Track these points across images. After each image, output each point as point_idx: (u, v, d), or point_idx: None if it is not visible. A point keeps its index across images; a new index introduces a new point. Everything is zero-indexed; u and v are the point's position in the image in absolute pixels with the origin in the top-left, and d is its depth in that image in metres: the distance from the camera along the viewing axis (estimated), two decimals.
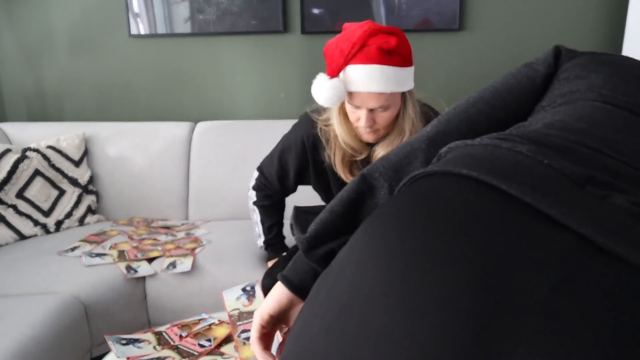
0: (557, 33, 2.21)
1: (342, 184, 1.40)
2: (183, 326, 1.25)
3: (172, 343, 1.18)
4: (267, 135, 2.23)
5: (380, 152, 1.29)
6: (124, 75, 2.47)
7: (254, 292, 1.24)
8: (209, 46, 2.37)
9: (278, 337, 0.82)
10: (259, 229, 1.62)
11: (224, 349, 1.16)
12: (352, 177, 1.33)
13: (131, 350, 1.21)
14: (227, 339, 1.17)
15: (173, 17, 2.36)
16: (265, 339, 0.73)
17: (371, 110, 1.22)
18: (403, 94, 1.25)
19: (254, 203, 1.60)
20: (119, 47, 2.44)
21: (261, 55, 2.37)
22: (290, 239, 1.65)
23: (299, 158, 1.41)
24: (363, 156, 1.32)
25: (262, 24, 2.31)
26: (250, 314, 1.19)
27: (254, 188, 1.59)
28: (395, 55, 1.17)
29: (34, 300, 1.51)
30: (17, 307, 1.46)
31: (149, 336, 1.22)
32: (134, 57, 2.44)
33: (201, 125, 2.30)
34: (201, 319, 1.29)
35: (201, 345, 1.16)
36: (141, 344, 1.18)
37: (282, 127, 2.26)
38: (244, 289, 1.24)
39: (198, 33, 2.35)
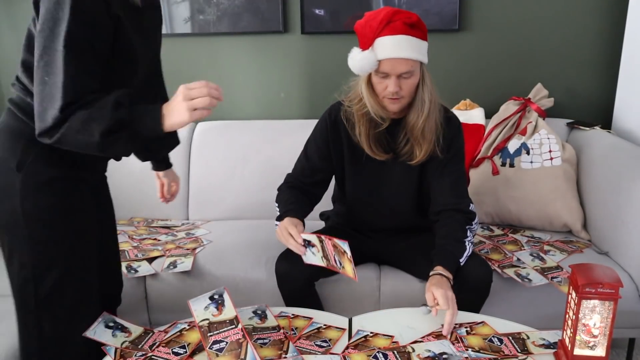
0: (557, 33, 2.21)
1: (360, 162, 1.53)
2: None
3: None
4: (267, 135, 2.24)
5: (411, 116, 1.45)
6: None
7: (223, 300, 1.21)
8: (209, 46, 2.37)
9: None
10: (278, 208, 1.54)
11: (197, 357, 1.14)
12: (377, 150, 1.48)
13: (106, 335, 1.21)
14: (202, 345, 1.15)
15: (173, 17, 2.36)
16: None
17: (397, 77, 1.37)
18: (421, 68, 1.42)
19: (277, 190, 1.61)
20: None
21: (261, 55, 2.37)
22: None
23: (322, 134, 1.57)
24: (386, 125, 1.48)
25: (262, 24, 2.31)
26: (220, 324, 1.16)
27: (278, 188, 1.61)
28: (416, 28, 1.38)
29: None
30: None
31: (136, 329, 1.25)
32: None
33: (201, 125, 2.30)
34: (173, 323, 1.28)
35: (175, 353, 1.14)
36: (120, 333, 1.21)
37: (282, 127, 2.27)
38: (211, 298, 1.22)
39: (198, 33, 2.35)
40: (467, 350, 1.15)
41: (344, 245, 1.25)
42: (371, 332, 1.22)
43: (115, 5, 1.04)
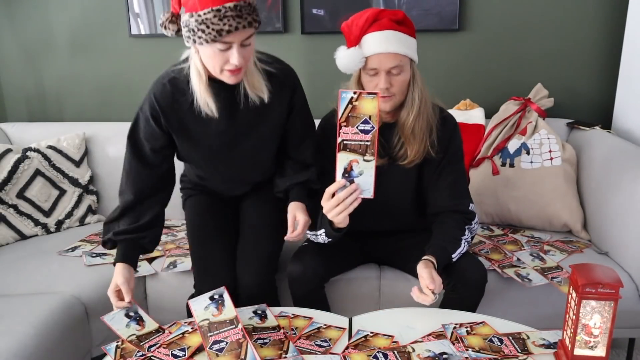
0: (557, 33, 2.22)
1: None
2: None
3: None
4: None
5: (402, 116, 1.44)
6: (124, 75, 2.47)
7: (223, 300, 1.21)
8: None
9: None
10: (319, 234, 1.46)
11: (197, 358, 1.14)
12: None
13: (121, 323, 1.24)
14: (202, 347, 1.15)
15: None
16: None
17: (387, 74, 1.37)
18: (411, 66, 1.42)
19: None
20: (119, 47, 2.44)
21: None
22: None
23: (329, 145, 1.48)
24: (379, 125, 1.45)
25: (262, 24, 2.30)
26: (220, 324, 1.16)
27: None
28: (403, 25, 1.38)
29: (35, 300, 1.51)
30: (17, 307, 1.47)
31: (152, 324, 1.26)
32: (134, 57, 2.44)
33: None
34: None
35: (174, 356, 1.14)
36: (134, 325, 1.25)
37: None
38: (211, 298, 1.22)
39: None
40: (467, 350, 1.14)
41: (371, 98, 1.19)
42: (371, 332, 1.23)
43: (169, 122, 1.42)
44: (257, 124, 1.46)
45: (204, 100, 1.36)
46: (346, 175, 1.24)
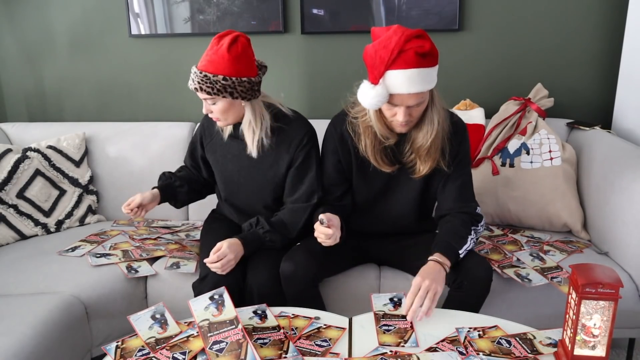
0: (557, 33, 2.22)
1: (367, 173, 1.54)
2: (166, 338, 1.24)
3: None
4: None
5: (419, 138, 1.44)
6: (124, 75, 2.47)
7: (223, 300, 1.21)
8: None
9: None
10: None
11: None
12: (382, 162, 1.47)
13: (145, 324, 1.23)
14: (203, 351, 1.14)
15: (173, 17, 2.36)
16: None
17: (407, 107, 1.35)
18: (431, 90, 1.40)
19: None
20: (119, 47, 2.44)
21: (261, 55, 2.35)
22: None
23: (332, 148, 1.58)
24: (392, 142, 1.48)
25: (262, 24, 2.31)
26: (221, 324, 1.16)
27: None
28: (428, 57, 1.31)
29: (35, 300, 1.51)
30: (17, 306, 1.47)
31: (174, 328, 1.25)
32: (134, 57, 2.44)
33: None
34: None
35: (174, 359, 1.13)
36: (157, 328, 1.23)
37: None
38: (211, 298, 1.22)
39: (198, 33, 2.35)
40: (478, 354, 1.13)
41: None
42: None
43: (206, 141, 1.76)
44: (264, 162, 1.65)
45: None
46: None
